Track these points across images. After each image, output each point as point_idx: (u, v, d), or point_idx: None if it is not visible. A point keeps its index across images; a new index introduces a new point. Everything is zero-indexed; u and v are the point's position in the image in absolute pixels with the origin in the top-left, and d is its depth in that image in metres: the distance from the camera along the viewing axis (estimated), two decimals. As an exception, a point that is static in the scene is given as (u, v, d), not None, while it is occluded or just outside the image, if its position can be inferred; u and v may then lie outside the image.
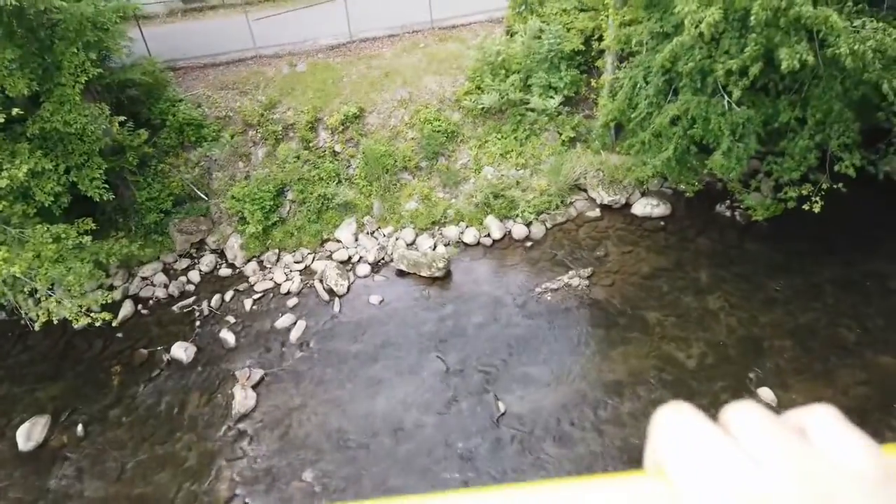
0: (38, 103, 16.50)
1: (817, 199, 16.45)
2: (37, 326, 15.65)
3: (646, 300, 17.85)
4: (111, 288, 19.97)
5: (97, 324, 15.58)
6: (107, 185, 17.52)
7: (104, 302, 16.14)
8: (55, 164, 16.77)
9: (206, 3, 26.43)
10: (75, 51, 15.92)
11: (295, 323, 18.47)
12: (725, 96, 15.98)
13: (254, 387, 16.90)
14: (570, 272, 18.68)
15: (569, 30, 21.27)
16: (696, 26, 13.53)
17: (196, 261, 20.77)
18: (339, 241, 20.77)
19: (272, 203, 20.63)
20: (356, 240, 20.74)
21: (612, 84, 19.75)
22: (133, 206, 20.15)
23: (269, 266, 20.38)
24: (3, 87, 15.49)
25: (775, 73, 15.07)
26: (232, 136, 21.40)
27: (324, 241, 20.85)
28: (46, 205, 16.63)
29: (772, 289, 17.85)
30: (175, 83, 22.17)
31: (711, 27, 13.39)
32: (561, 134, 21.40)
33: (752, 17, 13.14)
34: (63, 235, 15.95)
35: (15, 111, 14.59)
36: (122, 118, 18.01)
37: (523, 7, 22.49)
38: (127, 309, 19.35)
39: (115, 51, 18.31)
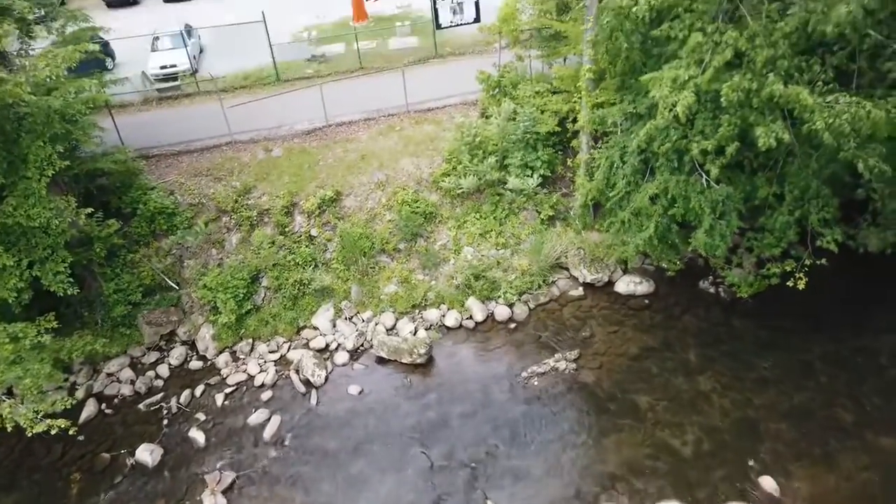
0: (2, 197, 15.93)
1: (801, 275, 16.26)
2: (-12, 436, 14.51)
3: (635, 383, 17.24)
4: (74, 386, 18.88)
5: (53, 431, 14.48)
6: (72, 280, 16.76)
7: (63, 407, 15.05)
8: (17, 259, 16.04)
9: (182, 92, 26.48)
10: (42, 144, 15.53)
11: (269, 418, 17.46)
12: (703, 175, 15.98)
13: (224, 492, 15.73)
14: (557, 355, 18.09)
15: (543, 111, 21.51)
16: (670, 110, 13.58)
17: (165, 354, 19.81)
18: (315, 328, 20.03)
19: (246, 291, 19.96)
20: (334, 326, 20.02)
21: (588, 163, 19.81)
22: (100, 299, 19.32)
23: (242, 357, 19.48)
24: (-34, 182, 14.97)
25: (750, 150, 15.15)
26: (205, 224, 20.93)
27: (300, 329, 20.09)
28: (9, 301, 15.81)
29: (762, 367, 17.39)
30: (147, 171, 21.82)
31: (686, 109, 13.45)
32: (540, 213, 21.28)
33: (722, 99, 13.25)
34: (21, 335, 15.05)
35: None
36: (89, 210, 17.46)
37: (497, 90, 22.82)
38: (90, 409, 18.20)
39: (85, 142, 17.98)
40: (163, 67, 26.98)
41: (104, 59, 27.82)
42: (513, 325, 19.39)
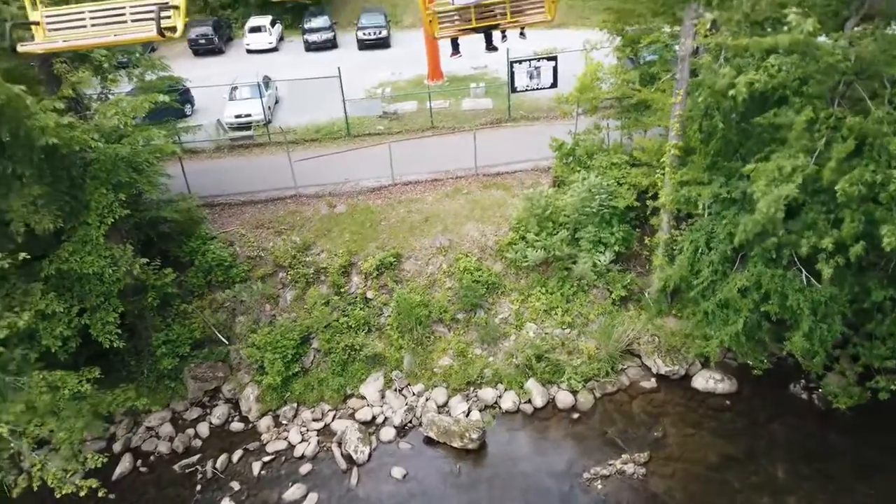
0: (60, 241, 15.70)
1: (918, 392, 14.17)
2: (14, 493, 13.82)
3: (713, 497, 15.24)
4: (113, 437, 18.24)
5: (81, 493, 13.67)
6: (119, 331, 16.27)
7: (95, 466, 14.27)
8: (68, 305, 15.68)
9: (254, 141, 26.57)
10: (105, 191, 15.32)
11: (306, 496, 16.24)
12: (803, 270, 14.27)
13: (250, 576, 14.50)
14: (624, 456, 16.28)
15: (620, 184, 20.23)
16: (773, 209, 12.03)
17: (208, 411, 19.01)
18: (363, 397, 18.89)
19: (295, 352, 19.07)
20: (382, 397, 18.84)
21: (669, 244, 18.31)
22: (148, 349, 18.81)
23: (285, 422, 18.45)
24: (28, 224, 14.78)
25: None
26: (262, 279, 20.35)
27: (347, 397, 18.99)
28: (53, 350, 15.37)
29: (863, 493, 15.10)
30: (210, 219, 21.58)
31: (783, 202, 11.95)
32: (612, 292, 19.75)
33: (839, 194, 11.70)
34: (60, 384, 14.47)
35: (22, 255, 13.51)
36: (145, 260, 17.10)
37: (571, 159, 21.74)
38: (125, 464, 17.47)
39: (149, 191, 17.77)
40: (237, 116, 27.21)
41: (182, 107, 28.40)
42: (576, 416, 17.72)
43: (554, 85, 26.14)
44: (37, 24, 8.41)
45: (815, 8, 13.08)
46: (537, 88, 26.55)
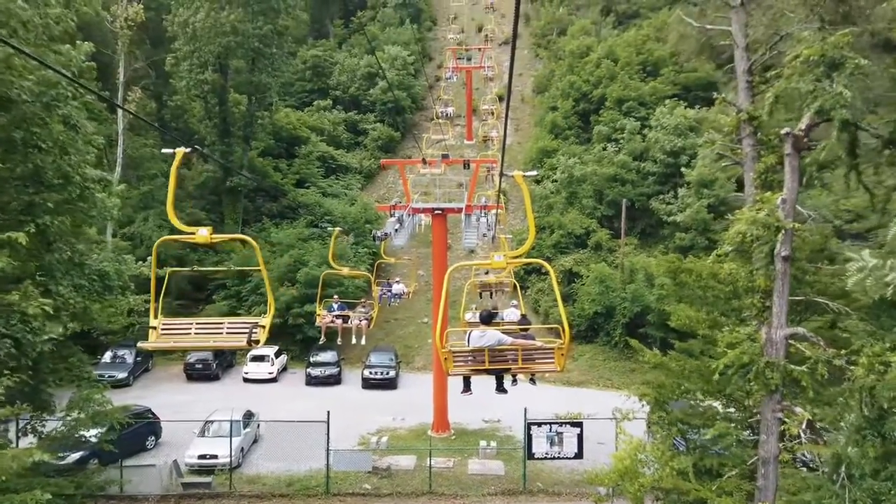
0: None
1: None
2: None
3: None
4: None
5: None
6: None
7: None
8: None
9: (211, 491, 21.78)
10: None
11: None
12: None
13: None
14: None
15: None
16: None
17: None
18: None
19: None
20: None
21: None
22: None
23: None
24: None
25: None
26: None
27: None
28: None
29: None
30: None
31: None
32: None
33: None
34: None
35: None
36: None
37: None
38: None
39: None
40: (201, 457, 22.95)
41: (145, 437, 24.63)
42: None
43: (579, 455, 22.02)
44: (154, 328, 10.09)
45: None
46: (558, 457, 22.36)
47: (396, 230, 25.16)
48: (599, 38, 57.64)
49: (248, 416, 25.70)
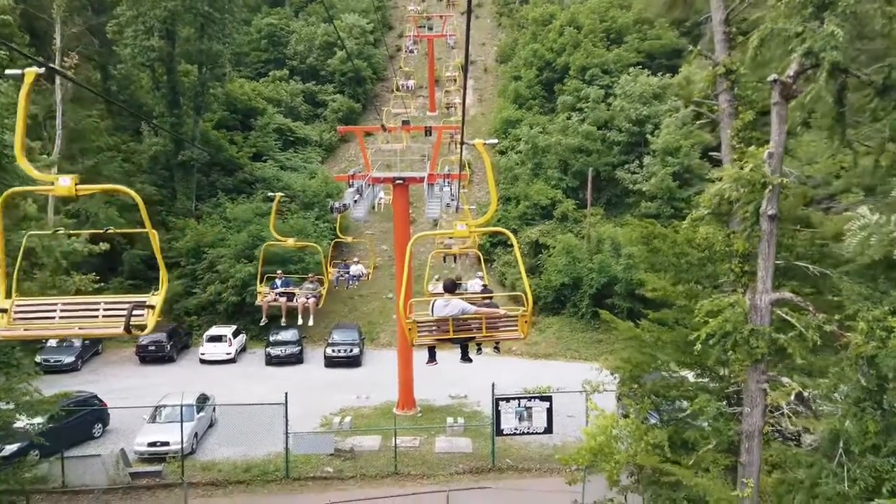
0: None
1: None
2: None
3: None
4: None
5: None
6: None
7: None
8: None
9: (161, 480, 20.48)
10: None
11: None
12: None
13: None
14: None
15: None
16: None
17: None
18: None
19: None
20: None
21: None
22: None
23: None
24: None
25: None
26: None
27: None
28: None
29: None
30: None
31: None
32: None
33: None
34: None
35: None
36: None
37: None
38: None
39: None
40: (151, 444, 21.63)
41: (91, 425, 23.19)
42: None
43: (549, 430, 21.39)
44: (4, 311, 7.44)
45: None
46: (528, 432, 21.70)
47: (356, 201, 23.79)
48: (563, 5, 56.35)
49: (203, 399, 24.39)
